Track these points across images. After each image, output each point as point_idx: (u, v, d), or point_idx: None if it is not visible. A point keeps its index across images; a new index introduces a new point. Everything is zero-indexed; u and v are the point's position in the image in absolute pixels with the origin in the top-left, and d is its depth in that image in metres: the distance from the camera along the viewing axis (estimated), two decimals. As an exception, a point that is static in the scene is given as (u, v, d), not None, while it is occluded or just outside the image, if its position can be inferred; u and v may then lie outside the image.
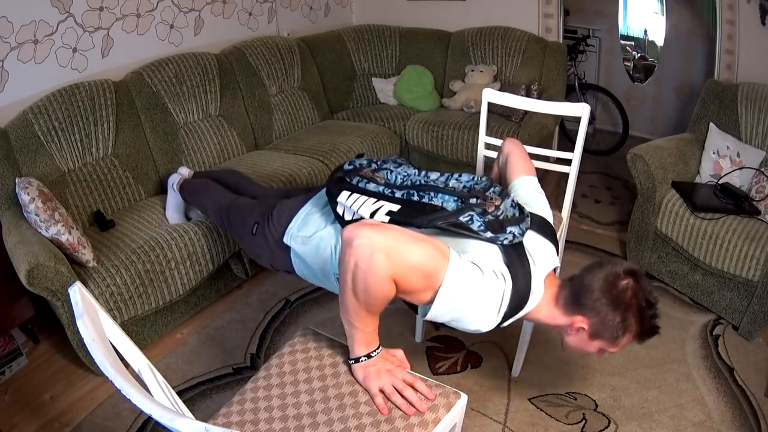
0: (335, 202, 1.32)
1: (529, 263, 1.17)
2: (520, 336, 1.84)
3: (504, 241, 1.16)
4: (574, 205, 2.76)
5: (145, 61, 2.56)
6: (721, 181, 2.30)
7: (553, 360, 1.99)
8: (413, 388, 1.13)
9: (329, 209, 1.39)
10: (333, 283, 1.39)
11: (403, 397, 1.11)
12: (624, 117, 3.71)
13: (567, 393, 1.85)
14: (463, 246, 1.15)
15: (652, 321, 1.17)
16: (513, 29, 3.28)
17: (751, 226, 2.05)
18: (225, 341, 2.15)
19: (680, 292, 2.33)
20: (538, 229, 1.29)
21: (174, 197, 2.18)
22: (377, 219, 1.23)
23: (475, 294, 1.07)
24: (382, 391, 1.12)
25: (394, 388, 1.12)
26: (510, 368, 1.95)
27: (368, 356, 1.15)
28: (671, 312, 2.23)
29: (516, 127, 2.91)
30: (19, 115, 2.09)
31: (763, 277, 1.93)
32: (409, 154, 3.35)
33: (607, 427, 1.72)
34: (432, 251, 1.03)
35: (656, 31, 3.84)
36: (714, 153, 2.40)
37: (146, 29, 2.63)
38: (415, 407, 1.10)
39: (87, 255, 1.88)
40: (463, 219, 1.17)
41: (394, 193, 1.27)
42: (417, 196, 1.24)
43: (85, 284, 1.81)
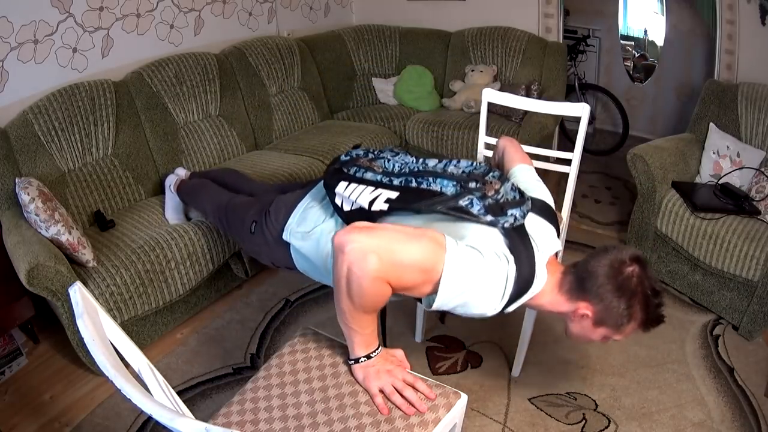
0: (333, 193, 1.31)
1: (532, 246, 1.16)
2: (520, 336, 1.84)
3: (505, 224, 1.15)
4: (574, 205, 2.76)
5: (145, 61, 2.56)
6: (721, 181, 2.30)
7: (553, 360, 1.99)
8: (413, 388, 1.13)
9: (328, 202, 1.38)
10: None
11: (403, 397, 1.11)
12: (624, 117, 3.71)
13: (567, 393, 1.85)
14: (463, 231, 1.14)
15: (657, 309, 1.15)
16: (513, 29, 3.28)
17: (751, 226, 2.05)
18: (225, 341, 2.15)
19: (680, 292, 2.33)
20: (539, 212, 1.27)
21: (172, 198, 2.18)
22: (376, 207, 1.23)
23: (478, 277, 1.06)
24: (382, 391, 1.12)
25: (394, 388, 1.11)
26: (510, 368, 1.95)
27: (368, 357, 1.14)
28: (671, 312, 2.23)
29: (516, 127, 2.91)
30: (19, 115, 2.09)
31: (763, 277, 1.93)
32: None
33: (607, 427, 1.72)
34: (427, 244, 1.03)
35: (656, 31, 3.84)
36: (714, 153, 2.40)
37: (146, 29, 2.63)
38: (415, 407, 1.10)
39: (87, 255, 1.88)
40: (462, 203, 1.16)
41: (392, 181, 1.26)
42: (415, 183, 1.24)
43: (85, 284, 1.81)
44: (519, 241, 1.14)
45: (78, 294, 0.89)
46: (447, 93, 3.48)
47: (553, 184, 3.31)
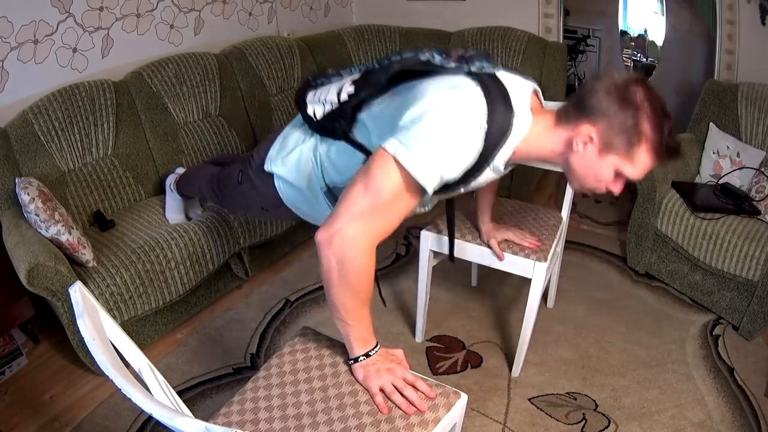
0: (304, 104, 1.32)
1: (504, 86, 1.09)
2: (520, 336, 1.84)
3: (471, 67, 1.10)
4: (574, 205, 2.76)
5: (145, 61, 2.56)
6: (721, 181, 2.30)
7: (553, 360, 1.99)
8: (413, 387, 1.13)
9: (306, 128, 1.38)
10: (322, 205, 1.37)
11: (404, 396, 1.11)
12: (624, 117, 3.70)
13: (567, 393, 1.85)
14: (424, 89, 1.08)
15: (670, 135, 1.03)
16: (513, 29, 3.28)
17: (751, 226, 2.05)
18: (225, 341, 2.15)
19: (680, 292, 2.33)
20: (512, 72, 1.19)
21: (172, 197, 2.18)
22: (344, 94, 1.23)
23: (436, 135, 1.01)
24: (382, 390, 1.12)
25: (395, 387, 1.11)
26: (510, 368, 1.95)
27: (367, 355, 1.14)
28: (671, 312, 2.24)
29: (516, 127, 2.91)
30: (19, 115, 2.09)
31: (763, 277, 1.93)
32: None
33: (607, 427, 1.72)
34: (378, 173, 1.02)
35: (656, 31, 3.84)
36: (714, 153, 2.40)
37: (146, 29, 2.63)
38: (415, 406, 1.10)
39: (87, 255, 1.88)
40: (423, 57, 1.14)
41: (355, 70, 1.28)
42: (376, 65, 1.24)
43: (85, 284, 1.81)
44: (490, 82, 1.07)
45: (78, 294, 0.89)
46: (447, 93, 3.47)
47: (553, 184, 3.31)
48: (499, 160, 1.12)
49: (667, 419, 1.74)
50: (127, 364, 0.88)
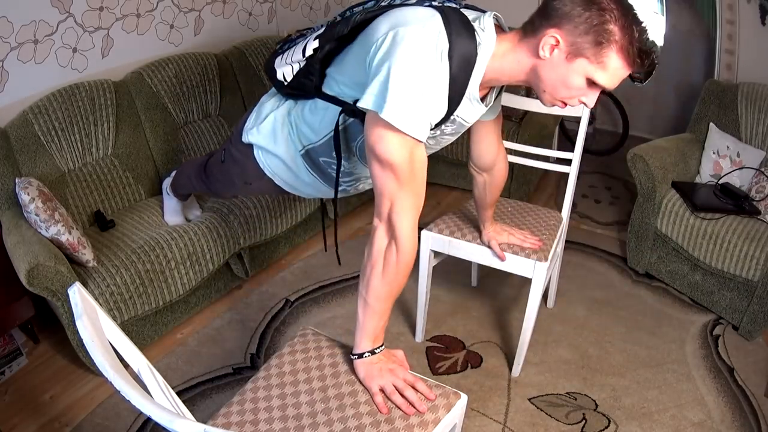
0: (274, 71, 1.32)
1: (464, 13, 1.08)
2: (520, 336, 1.84)
3: (433, 1, 1.08)
4: (574, 205, 2.76)
5: (145, 61, 2.56)
6: (721, 181, 2.30)
7: (553, 360, 1.99)
8: (414, 388, 1.13)
9: (279, 96, 1.39)
10: (302, 170, 1.38)
11: (404, 396, 1.11)
12: (624, 117, 3.71)
13: (567, 393, 1.85)
14: (379, 27, 1.05)
15: (642, 38, 0.97)
16: (513, 29, 3.28)
17: (751, 226, 2.05)
18: (225, 341, 2.15)
19: (680, 292, 2.33)
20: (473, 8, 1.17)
21: (169, 200, 2.18)
22: (309, 50, 1.23)
23: (408, 82, 0.98)
24: (382, 390, 1.12)
25: (395, 387, 1.11)
26: (510, 368, 1.95)
27: (372, 352, 1.14)
28: (671, 312, 2.24)
29: (516, 127, 2.91)
30: (19, 115, 2.09)
31: (763, 277, 1.93)
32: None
33: (607, 427, 1.72)
34: (381, 146, 1.03)
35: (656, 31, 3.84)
36: (714, 153, 2.40)
37: (146, 29, 2.62)
38: (415, 407, 1.10)
39: (87, 255, 1.88)
40: (383, 3, 1.13)
41: (317, 28, 1.28)
42: (339, 17, 1.23)
43: (85, 284, 1.82)
44: (449, 10, 1.05)
45: (77, 295, 0.89)
46: (447, 93, 3.47)
47: (553, 184, 3.31)
48: (473, 87, 1.11)
49: (667, 419, 1.74)
50: (126, 365, 0.88)
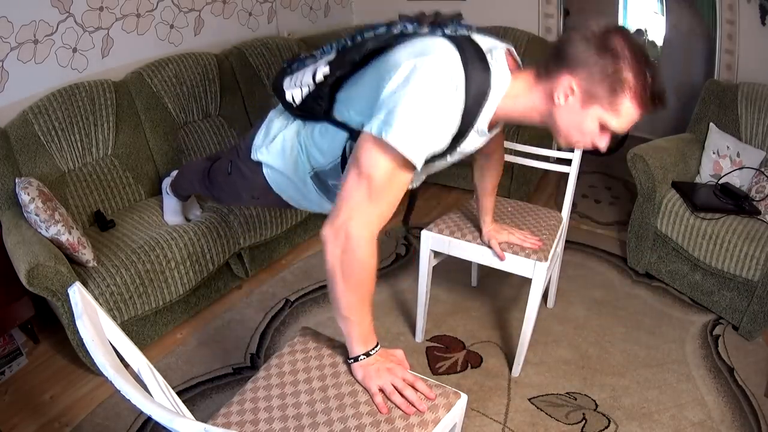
0: (282, 92, 1.32)
1: (480, 47, 1.08)
2: (520, 336, 1.84)
3: (445, 30, 1.09)
4: (574, 205, 2.76)
5: (145, 61, 2.56)
6: (721, 181, 2.30)
7: (553, 360, 1.99)
8: (413, 387, 1.13)
9: (288, 114, 1.39)
10: (311, 190, 1.38)
11: (403, 396, 1.11)
12: (624, 117, 3.70)
13: (567, 393, 1.85)
14: (398, 57, 1.06)
15: (654, 82, 1.00)
16: (513, 29, 3.28)
17: (751, 226, 2.05)
18: (225, 341, 2.15)
19: (680, 292, 2.33)
20: (486, 34, 1.17)
21: (169, 200, 2.18)
22: (319, 76, 1.23)
23: (416, 103, 0.99)
24: (382, 390, 1.12)
25: (394, 387, 1.11)
26: (510, 368, 1.95)
27: (367, 354, 1.14)
28: (671, 312, 2.24)
29: (516, 127, 2.91)
30: (19, 115, 2.09)
31: (763, 277, 1.93)
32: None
33: (607, 427, 1.72)
34: (365, 158, 1.02)
35: (656, 31, 3.84)
36: (714, 153, 2.40)
37: (146, 29, 2.63)
38: (415, 407, 1.10)
39: (87, 255, 1.88)
40: (395, 31, 1.14)
41: (330, 50, 1.28)
42: (349, 42, 1.23)
43: (85, 284, 1.82)
44: (464, 42, 1.06)
45: (77, 294, 0.89)
46: (447, 93, 3.47)
47: (553, 184, 3.31)
48: (482, 122, 1.11)
49: (667, 419, 1.74)
50: (126, 365, 0.88)
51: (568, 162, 1.94)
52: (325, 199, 1.40)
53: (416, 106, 1.00)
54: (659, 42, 3.83)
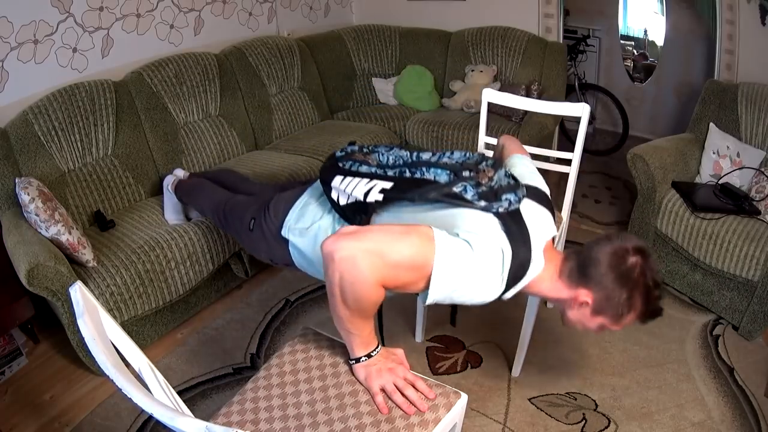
0: (329, 188, 1.31)
1: (527, 230, 1.14)
2: (520, 336, 1.84)
3: (499, 208, 1.14)
4: (574, 205, 2.76)
5: (145, 61, 2.56)
6: (721, 181, 2.30)
7: (553, 360, 1.99)
8: (414, 387, 1.13)
9: (325, 198, 1.38)
10: None
11: (404, 395, 1.11)
12: (624, 117, 3.71)
13: (567, 393, 1.85)
14: (457, 219, 1.13)
15: (657, 302, 1.15)
16: (513, 29, 3.28)
17: (751, 226, 2.05)
18: (225, 341, 2.15)
19: (680, 292, 2.33)
20: (534, 198, 1.26)
21: (170, 198, 2.18)
22: (371, 198, 1.23)
23: (469, 269, 1.05)
24: (383, 389, 1.12)
25: (396, 386, 1.12)
26: (510, 368, 1.95)
27: (368, 356, 1.14)
28: (671, 312, 2.23)
29: (516, 127, 2.91)
30: (19, 115, 2.09)
31: (763, 277, 1.93)
32: (409, 154, 3.35)
33: (607, 427, 1.72)
34: (417, 241, 1.02)
35: (656, 31, 3.84)
36: (714, 153, 2.40)
37: (146, 29, 2.63)
38: (415, 406, 1.10)
39: (87, 255, 1.87)
40: (456, 189, 1.16)
41: (386, 172, 1.27)
42: (409, 173, 1.24)
43: (85, 284, 1.80)
44: (514, 226, 1.13)
45: (79, 293, 0.89)
46: (447, 93, 3.48)
47: (553, 184, 3.30)
48: (510, 293, 1.17)
49: (667, 419, 1.74)
50: (127, 364, 0.88)
51: (568, 162, 1.94)
52: None
53: (468, 268, 1.05)
54: (659, 42, 3.83)
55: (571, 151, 1.92)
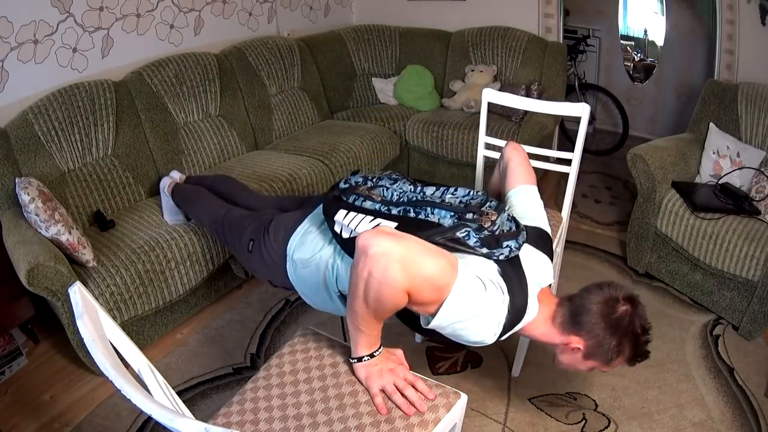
0: (332, 221, 1.32)
1: (525, 278, 1.18)
2: (520, 336, 1.84)
3: (500, 256, 1.17)
4: (574, 205, 2.76)
5: (145, 61, 2.56)
6: (721, 181, 2.30)
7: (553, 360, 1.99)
8: (414, 387, 1.13)
9: (326, 228, 1.39)
10: (336, 302, 1.38)
11: (404, 396, 1.11)
12: (624, 117, 3.71)
13: (567, 393, 1.85)
14: (465, 261, 1.14)
15: (644, 346, 1.21)
16: (513, 29, 3.28)
17: (751, 226, 2.05)
18: (225, 341, 2.15)
19: (680, 292, 2.33)
20: (534, 243, 1.29)
21: (167, 201, 2.18)
22: None
23: (478, 308, 1.07)
24: (383, 390, 1.12)
25: (396, 387, 1.12)
26: (510, 368, 1.95)
27: (371, 356, 1.15)
28: (671, 312, 2.24)
29: (516, 127, 2.91)
30: (19, 115, 2.09)
31: (763, 277, 1.93)
32: (409, 154, 3.35)
33: (607, 427, 1.72)
34: (445, 264, 1.03)
35: (656, 31, 3.84)
36: (714, 153, 2.40)
37: (146, 29, 2.63)
38: (415, 407, 1.10)
39: (87, 255, 1.87)
40: (459, 235, 1.17)
41: (390, 210, 1.27)
42: (413, 213, 1.24)
43: (85, 284, 1.82)
44: (513, 273, 1.16)
45: (78, 294, 0.89)
46: (447, 93, 3.48)
47: (553, 184, 3.31)
48: (503, 336, 1.18)
49: (667, 419, 1.74)
50: (127, 365, 0.88)
51: (568, 162, 1.94)
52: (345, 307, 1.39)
53: (474, 313, 1.08)
54: (659, 42, 3.83)
55: (571, 151, 1.92)
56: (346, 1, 3.88)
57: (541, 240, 1.32)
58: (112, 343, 0.93)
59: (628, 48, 4.04)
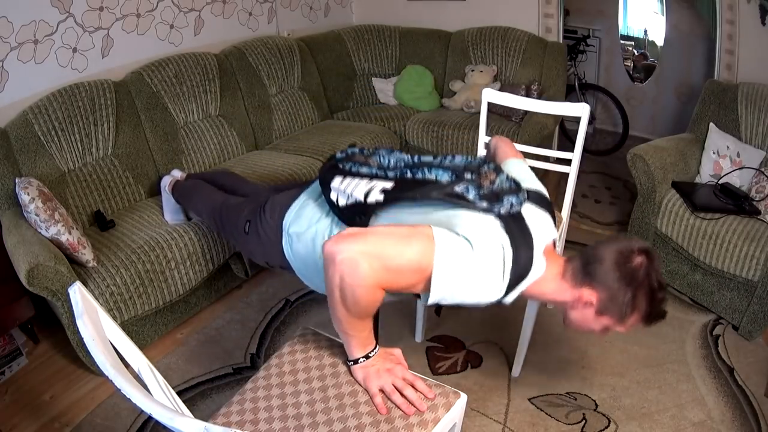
0: (328, 189, 1.30)
1: (530, 232, 1.14)
2: (520, 336, 1.84)
3: (501, 209, 1.13)
4: (574, 205, 2.76)
5: (145, 61, 2.56)
6: (721, 181, 2.30)
7: (553, 360, 1.99)
8: (413, 387, 1.13)
9: (323, 201, 1.37)
10: None
11: (403, 395, 1.11)
12: (624, 117, 3.71)
13: (567, 393, 1.85)
14: (457, 220, 1.12)
15: (661, 304, 1.15)
16: (513, 29, 3.28)
17: (751, 226, 2.05)
18: (225, 341, 2.15)
19: (680, 292, 2.33)
20: (535, 202, 1.26)
21: (167, 199, 2.18)
22: (372, 199, 1.22)
23: (470, 269, 1.05)
24: (382, 390, 1.12)
25: (395, 386, 1.12)
26: (510, 368, 1.95)
27: (366, 357, 1.15)
28: (671, 312, 2.23)
29: (516, 127, 2.91)
30: (19, 115, 2.09)
31: (763, 277, 1.93)
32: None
33: (607, 427, 1.72)
34: (417, 243, 1.02)
35: (656, 31, 3.84)
36: (714, 153, 2.40)
37: (146, 29, 2.63)
38: (415, 406, 1.10)
39: (87, 255, 1.88)
40: (458, 189, 1.15)
41: (387, 173, 1.26)
42: (410, 173, 1.23)
43: (85, 284, 1.81)
44: (516, 227, 1.12)
45: (78, 294, 0.89)
46: (447, 93, 3.48)
47: (553, 184, 3.31)
48: (511, 297, 1.16)
49: (667, 419, 1.74)
50: (126, 365, 0.88)
51: (568, 162, 1.94)
52: None
53: (468, 270, 1.05)
54: (659, 42, 3.83)
55: (571, 151, 1.92)
56: (346, 1, 3.88)
57: (541, 200, 1.28)
58: (112, 343, 0.93)
59: (628, 48, 4.05)
